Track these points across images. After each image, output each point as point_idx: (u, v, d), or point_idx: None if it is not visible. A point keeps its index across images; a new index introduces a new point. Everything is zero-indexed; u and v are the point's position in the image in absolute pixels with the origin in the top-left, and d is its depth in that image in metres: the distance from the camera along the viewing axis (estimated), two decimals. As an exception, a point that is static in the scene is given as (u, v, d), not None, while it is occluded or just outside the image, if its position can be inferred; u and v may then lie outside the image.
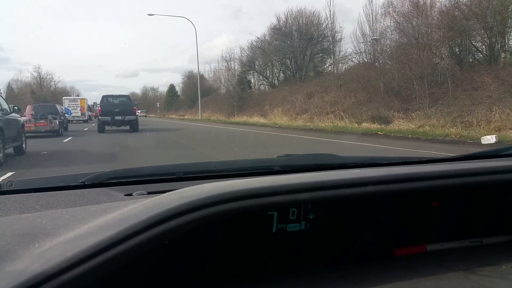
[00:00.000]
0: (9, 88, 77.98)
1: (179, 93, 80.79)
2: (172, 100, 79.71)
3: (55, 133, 18.15)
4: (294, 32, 36.71)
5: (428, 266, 0.82)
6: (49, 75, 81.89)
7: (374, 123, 17.61)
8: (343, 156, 1.56)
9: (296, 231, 0.79)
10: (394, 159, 1.48)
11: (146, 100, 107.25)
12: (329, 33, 36.22)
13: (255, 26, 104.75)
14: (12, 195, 1.09)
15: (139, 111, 77.53)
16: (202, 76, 69.78)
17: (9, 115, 10.04)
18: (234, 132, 19.60)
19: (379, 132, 15.34)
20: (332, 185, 0.73)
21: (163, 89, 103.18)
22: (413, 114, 17.21)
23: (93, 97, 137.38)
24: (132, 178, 1.24)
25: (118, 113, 19.87)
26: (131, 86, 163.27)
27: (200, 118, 41.11)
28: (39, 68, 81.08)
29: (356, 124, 18.06)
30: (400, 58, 20.25)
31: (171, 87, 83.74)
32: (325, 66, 37.35)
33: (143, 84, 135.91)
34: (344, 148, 11.59)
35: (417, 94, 18.76)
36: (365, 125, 17.81)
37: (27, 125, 15.95)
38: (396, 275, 0.78)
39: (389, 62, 22.14)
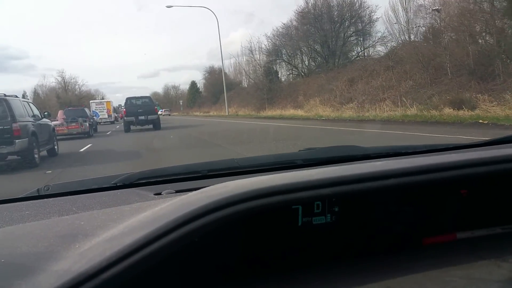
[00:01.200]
0: (35, 93, 76.72)
1: (201, 89, 77.80)
2: (194, 97, 76.57)
3: (86, 135, 19.13)
4: (324, 14, 32.71)
5: (458, 255, 0.79)
6: (73, 79, 79.94)
7: (455, 108, 13.67)
8: (366, 147, 1.52)
9: (322, 224, 0.78)
10: (419, 147, 1.41)
11: (168, 98, 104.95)
12: (363, 13, 32.15)
13: (273, 19, 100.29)
14: (51, 199, 1.11)
15: (162, 110, 75.98)
16: (221, 71, 66.96)
17: (41, 120, 10.39)
18: (279, 129, 16.11)
19: (481, 121, 11.42)
20: (354, 179, 0.71)
21: (184, 87, 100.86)
22: (506, 95, 13.22)
23: (117, 99, 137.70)
24: (160, 177, 1.25)
25: (141, 113, 20.60)
26: (153, 86, 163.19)
27: (227, 113, 37.63)
28: (62, 72, 79.18)
29: (436, 112, 14.11)
30: (470, 29, 16.22)
31: (193, 84, 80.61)
32: (361, 50, 33.23)
33: (164, 83, 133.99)
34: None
35: (502, 70, 14.77)
36: (447, 111, 13.84)
37: (60, 128, 17.75)
38: (425, 264, 0.75)
39: (453, 36, 18.11)
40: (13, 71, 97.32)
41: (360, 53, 33.11)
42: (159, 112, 72.35)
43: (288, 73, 38.88)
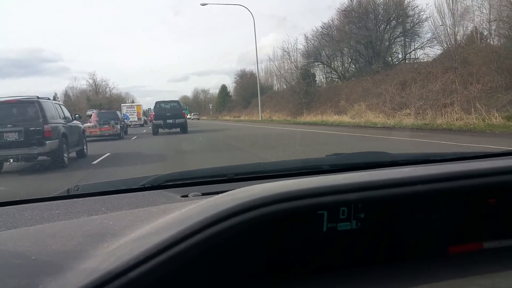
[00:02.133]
0: (66, 95, 77.08)
1: (231, 93, 76.11)
2: (224, 101, 74.93)
3: (117, 137, 19.64)
4: (369, 13, 30.13)
5: (484, 264, 0.78)
6: (104, 81, 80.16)
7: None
8: (394, 153, 1.49)
9: (347, 230, 0.77)
10: (448, 155, 1.39)
11: (198, 102, 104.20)
12: (411, 12, 29.38)
13: (304, 24, 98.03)
14: (80, 199, 1.12)
15: (191, 114, 75.04)
16: (254, 75, 65.00)
17: (71, 123, 10.61)
18: (331, 137, 13.73)
19: None
20: (381, 185, 0.70)
21: (214, 91, 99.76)
22: None
23: (147, 102, 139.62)
24: (187, 180, 1.25)
25: (169, 117, 21.03)
26: (182, 90, 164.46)
27: (260, 118, 35.45)
28: (94, 75, 79.38)
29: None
30: None
31: (223, 88, 79.04)
32: (409, 51, 30.40)
33: (194, 87, 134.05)
34: None
35: None
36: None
37: (93, 130, 18.81)
38: (450, 273, 0.74)
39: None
40: (47, 74, 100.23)
41: (407, 55, 30.32)
42: (188, 116, 71.23)
43: (326, 76, 36.43)
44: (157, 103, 22.30)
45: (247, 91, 58.78)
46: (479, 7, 21.08)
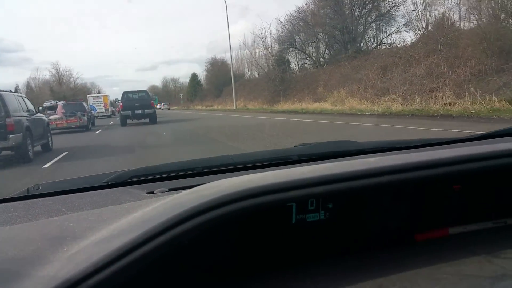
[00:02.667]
0: (28, 87, 73.14)
1: (202, 82, 73.94)
2: (195, 90, 72.66)
3: (84, 128, 19.25)
4: (344, -4, 29.01)
5: (450, 250, 0.79)
6: (68, 71, 76.49)
7: None
8: (361, 142, 1.47)
9: (316, 221, 0.78)
10: (414, 142, 1.39)
11: (167, 92, 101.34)
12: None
13: (270, 13, 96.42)
14: (40, 199, 1.07)
15: (161, 104, 72.63)
16: (225, 63, 63.08)
17: (35, 115, 10.28)
18: (322, 126, 12.57)
19: None
20: (347, 177, 0.71)
21: (184, 80, 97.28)
22: None
23: (114, 93, 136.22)
24: (153, 176, 1.20)
25: (137, 107, 20.41)
26: (151, 79, 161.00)
27: (235, 107, 33.99)
28: (57, 65, 75.44)
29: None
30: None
31: (193, 77, 76.62)
32: (385, 37, 29.54)
33: (163, 76, 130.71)
34: None
35: None
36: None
37: (59, 122, 18.42)
38: (417, 261, 0.75)
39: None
40: (8, 64, 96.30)
41: (383, 40, 29.47)
42: (157, 106, 68.92)
43: (301, 62, 35.24)
44: (124, 93, 21.52)
45: (219, 80, 56.95)
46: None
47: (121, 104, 21.86)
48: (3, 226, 0.84)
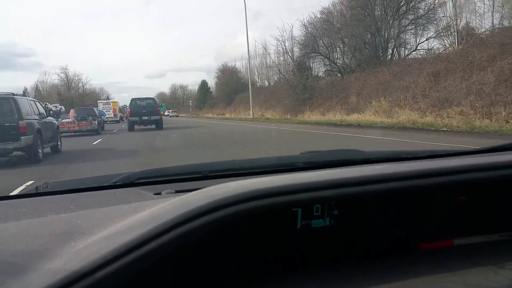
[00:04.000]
0: (37, 90, 70.53)
1: (211, 89, 70.75)
2: (205, 97, 69.48)
3: (95, 132, 19.81)
4: (377, -4, 25.62)
5: (454, 261, 0.78)
6: (77, 76, 73.89)
7: None
8: (367, 151, 1.44)
9: (321, 227, 0.77)
10: (420, 153, 1.33)
11: (175, 99, 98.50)
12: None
13: (282, 19, 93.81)
14: (49, 197, 1.07)
15: (169, 111, 69.53)
16: (236, 70, 59.93)
17: (46, 119, 10.46)
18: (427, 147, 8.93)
19: None
20: (353, 182, 0.70)
21: (192, 87, 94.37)
22: None
23: (123, 99, 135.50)
24: (161, 177, 1.20)
25: (145, 113, 20.81)
26: (159, 87, 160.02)
27: (252, 116, 30.58)
28: (66, 69, 72.85)
29: None
30: None
31: (203, 84, 73.48)
32: (422, 41, 26.06)
33: (171, 83, 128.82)
34: None
35: None
36: None
37: (72, 125, 19.55)
38: (421, 270, 0.74)
39: None
40: (20, 69, 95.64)
41: (419, 44, 26.01)
42: (165, 113, 65.56)
43: (324, 69, 31.82)
44: (132, 100, 22.15)
45: (230, 87, 53.67)
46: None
47: (129, 110, 22.37)
48: (12, 221, 0.83)
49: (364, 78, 22.81)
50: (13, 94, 9.24)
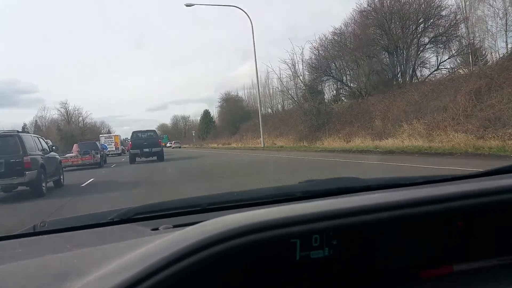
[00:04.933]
0: (36, 126, 68.69)
1: (214, 119, 68.84)
2: (207, 127, 67.51)
3: (97, 165, 20.36)
4: (394, 14, 23.84)
5: (455, 287, 0.78)
6: (77, 110, 72.33)
7: None
8: (365, 178, 1.44)
9: (320, 258, 0.75)
10: (417, 178, 1.32)
11: (177, 130, 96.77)
12: (444, 13, 23.21)
13: (276, 52, 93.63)
14: (46, 236, 1.06)
15: (171, 142, 67.60)
16: (239, 99, 58.14)
17: (49, 154, 10.77)
18: None
19: None
20: (350, 212, 0.70)
21: (194, 118, 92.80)
22: None
23: (125, 131, 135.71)
24: (158, 212, 1.18)
25: (146, 146, 20.99)
26: (161, 119, 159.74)
27: (262, 145, 28.27)
28: (65, 103, 71.43)
29: None
30: None
31: (206, 114, 71.64)
32: (444, 60, 24.05)
33: (173, 115, 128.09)
34: None
35: None
36: None
37: (75, 159, 20.01)
38: None
39: None
40: (22, 105, 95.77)
41: (441, 63, 24.00)
42: (168, 145, 63.74)
43: (335, 93, 29.76)
44: (134, 132, 22.17)
45: (235, 116, 51.69)
46: None
47: (130, 142, 22.26)
48: (8, 262, 0.82)
49: (388, 100, 20.63)
50: (17, 131, 9.65)
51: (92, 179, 12.46)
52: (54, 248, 0.90)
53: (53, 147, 11.86)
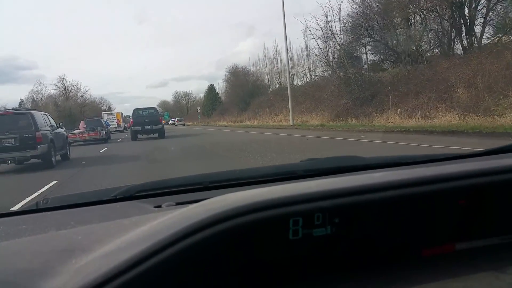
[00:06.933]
0: (33, 101, 63.07)
1: (219, 95, 62.98)
2: (213, 103, 61.72)
3: (103, 141, 21.56)
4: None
5: (456, 266, 0.76)
6: (75, 85, 66.55)
7: None
8: (367, 157, 1.38)
9: (323, 235, 0.74)
10: (419, 157, 1.29)
11: (179, 107, 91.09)
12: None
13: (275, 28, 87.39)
14: (49, 212, 1.04)
15: (174, 119, 62.17)
16: (248, 71, 52.20)
17: (56, 130, 11.51)
18: None
19: None
20: (352, 191, 0.70)
21: (197, 95, 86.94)
22: None
23: (126, 108, 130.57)
24: (161, 190, 1.16)
25: (147, 123, 20.95)
26: (161, 95, 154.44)
27: (291, 123, 22.73)
28: (63, 78, 65.74)
29: None
30: None
31: (211, 89, 65.51)
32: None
33: (175, 91, 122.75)
34: None
35: None
36: None
37: (82, 135, 21.52)
38: (424, 276, 0.73)
39: None
40: (23, 81, 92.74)
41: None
42: (170, 122, 58.69)
43: (376, 58, 24.00)
44: (135, 110, 22.25)
45: (245, 90, 45.93)
46: None
47: (131, 120, 22.39)
48: (13, 238, 0.81)
49: (474, 63, 14.94)
50: (29, 109, 10.83)
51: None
52: (58, 225, 0.89)
53: (60, 124, 12.68)
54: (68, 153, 12.28)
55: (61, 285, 0.54)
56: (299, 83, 36.84)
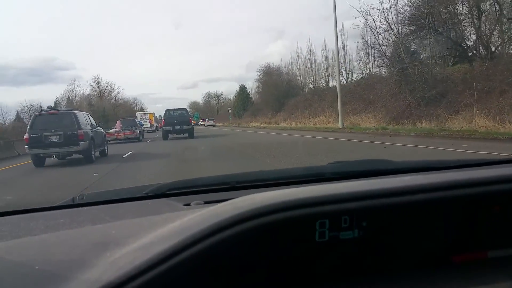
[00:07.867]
0: (69, 101, 63.00)
1: (251, 95, 60.76)
2: (244, 104, 59.54)
3: (137, 139, 22.60)
4: None
5: (488, 273, 0.73)
6: (109, 85, 66.18)
7: None
8: (396, 161, 1.35)
9: (350, 239, 0.72)
10: (451, 162, 1.24)
11: (210, 107, 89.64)
12: None
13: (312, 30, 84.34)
14: (85, 208, 1.07)
15: (204, 120, 60.18)
16: (282, 71, 49.71)
17: (96, 128, 12.35)
18: None
19: None
20: (381, 194, 0.67)
21: (227, 95, 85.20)
22: None
23: (157, 109, 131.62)
24: (190, 188, 1.19)
25: (177, 123, 21.74)
26: (192, 96, 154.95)
27: (341, 125, 20.10)
28: (98, 78, 65.52)
29: None
30: None
31: (242, 89, 63.36)
32: None
33: (205, 91, 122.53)
34: None
35: None
36: None
37: (119, 134, 22.53)
38: (453, 283, 0.71)
39: None
40: (61, 81, 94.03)
41: None
42: (200, 122, 57.31)
43: (434, 53, 20.95)
44: (166, 111, 22.97)
45: (279, 90, 43.41)
46: None
47: (163, 120, 23.17)
48: (52, 231, 0.83)
49: None
50: (72, 110, 11.53)
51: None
52: (93, 220, 0.91)
53: (99, 123, 13.97)
54: (106, 150, 13.12)
55: (96, 276, 0.55)
56: (343, 82, 34.02)
